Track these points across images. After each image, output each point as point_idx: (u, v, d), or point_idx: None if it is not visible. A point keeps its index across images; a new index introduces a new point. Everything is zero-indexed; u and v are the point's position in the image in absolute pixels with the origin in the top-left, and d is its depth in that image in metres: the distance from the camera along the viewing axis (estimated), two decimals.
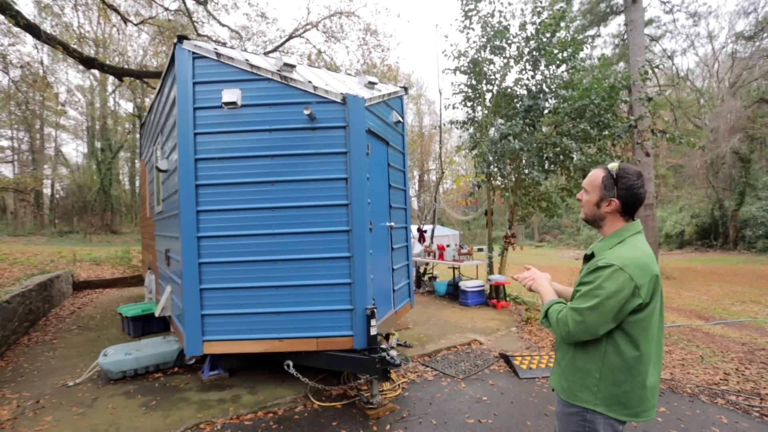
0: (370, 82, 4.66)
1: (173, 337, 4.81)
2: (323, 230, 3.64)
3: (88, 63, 9.16)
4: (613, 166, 1.57)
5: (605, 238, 1.59)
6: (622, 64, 17.57)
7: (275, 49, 13.44)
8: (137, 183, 28.03)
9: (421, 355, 4.81)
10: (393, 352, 3.54)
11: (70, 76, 24.55)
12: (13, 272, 8.51)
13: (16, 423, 3.28)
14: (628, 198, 1.52)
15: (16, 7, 7.65)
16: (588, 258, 1.63)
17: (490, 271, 8.24)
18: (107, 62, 11.22)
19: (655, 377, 1.51)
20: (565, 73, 7.55)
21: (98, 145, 25.40)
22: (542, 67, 7.58)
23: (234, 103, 3.56)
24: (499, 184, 8.29)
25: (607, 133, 7.00)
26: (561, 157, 7.57)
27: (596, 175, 1.60)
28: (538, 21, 7.38)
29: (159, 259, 5.49)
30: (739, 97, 22.44)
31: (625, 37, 15.40)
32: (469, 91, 8.23)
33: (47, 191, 26.64)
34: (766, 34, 20.28)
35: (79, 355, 4.96)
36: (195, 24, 11.87)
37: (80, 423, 3.28)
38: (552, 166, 7.77)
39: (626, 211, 1.56)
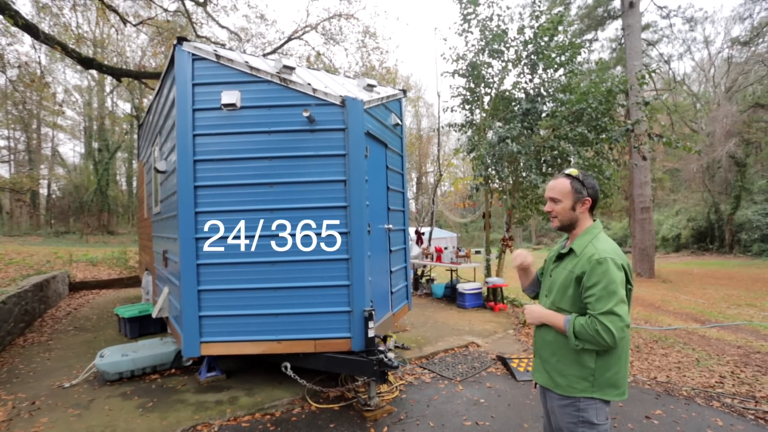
0: (369, 85, 4.68)
1: (170, 338, 4.80)
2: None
3: (86, 63, 9.14)
4: (573, 171, 1.74)
5: (579, 237, 1.73)
6: (619, 68, 17.67)
7: (274, 51, 13.46)
8: (134, 184, 27.96)
9: (418, 358, 4.81)
10: (391, 354, 3.54)
11: (68, 76, 24.49)
12: (8, 273, 8.46)
13: (11, 424, 3.26)
14: (595, 195, 1.73)
15: (15, 7, 7.63)
16: (562, 256, 1.76)
17: (488, 274, 8.26)
18: (105, 62, 11.19)
19: (628, 355, 1.70)
20: (563, 77, 7.60)
21: (95, 145, 25.33)
22: (540, 71, 7.62)
23: (233, 104, 3.57)
24: (497, 186, 8.32)
25: (604, 136, 7.04)
26: (559, 160, 7.60)
27: (562, 183, 1.73)
28: (536, 25, 7.43)
29: (156, 260, 5.48)
30: (734, 102, 22.60)
31: (623, 41, 15.51)
32: (468, 94, 8.26)
33: (44, 191, 26.54)
34: (761, 40, 20.47)
35: (76, 357, 4.94)
36: (194, 25, 11.87)
37: (76, 425, 3.26)
38: (550, 169, 7.80)
39: (592, 208, 1.75)
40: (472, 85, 8.12)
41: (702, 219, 24.04)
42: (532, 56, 7.44)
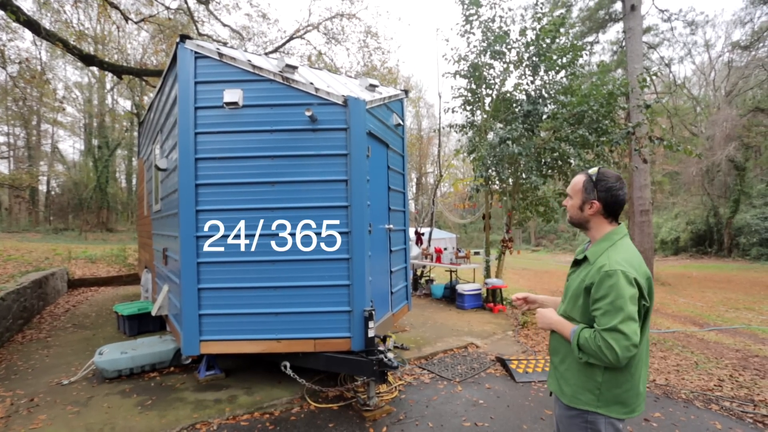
0: (371, 85, 4.68)
1: (169, 336, 4.80)
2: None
3: (87, 60, 9.13)
4: (593, 170, 1.64)
5: (597, 243, 1.63)
6: (620, 70, 17.68)
7: (276, 50, 13.44)
8: (134, 181, 27.92)
9: (417, 358, 4.81)
10: (390, 355, 3.54)
11: (69, 73, 24.47)
12: (7, 269, 8.44)
13: (9, 421, 3.26)
14: (608, 200, 1.59)
15: (16, 3, 7.62)
16: (579, 262, 1.68)
17: (487, 275, 8.26)
18: (106, 60, 11.17)
19: (645, 373, 1.59)
20: (564, 79, 7.61)
21: (95, 142, 25.29)
22: (542, 73, 7.63)
23: (235, 103, 3.57)
24: (497, 188, 8.33)
25: (605, 139, 7.05)
26: (559, 162, 7.61)
27: (577, 180, 1.67)
28: (538, 27, 7.44)
29: (156, 258, 5.47)
30: (734, 106, 22.62)
31: (624, 44, 15.52)
32: (469, 95, 8.27)
33: (43, 188, 26.48)
34: (761, 44, 20.48)
35: (74, 354, 4.93)
36: (196, 23, 11.86)
37: (75, 422, 3.26)
38: (550, 171, 7.81)
39: (608, 212, 1.62)
40: (474, 86, 8.13)
41: (701, 222, 24.05)
42: (534, 58, 7.45)
